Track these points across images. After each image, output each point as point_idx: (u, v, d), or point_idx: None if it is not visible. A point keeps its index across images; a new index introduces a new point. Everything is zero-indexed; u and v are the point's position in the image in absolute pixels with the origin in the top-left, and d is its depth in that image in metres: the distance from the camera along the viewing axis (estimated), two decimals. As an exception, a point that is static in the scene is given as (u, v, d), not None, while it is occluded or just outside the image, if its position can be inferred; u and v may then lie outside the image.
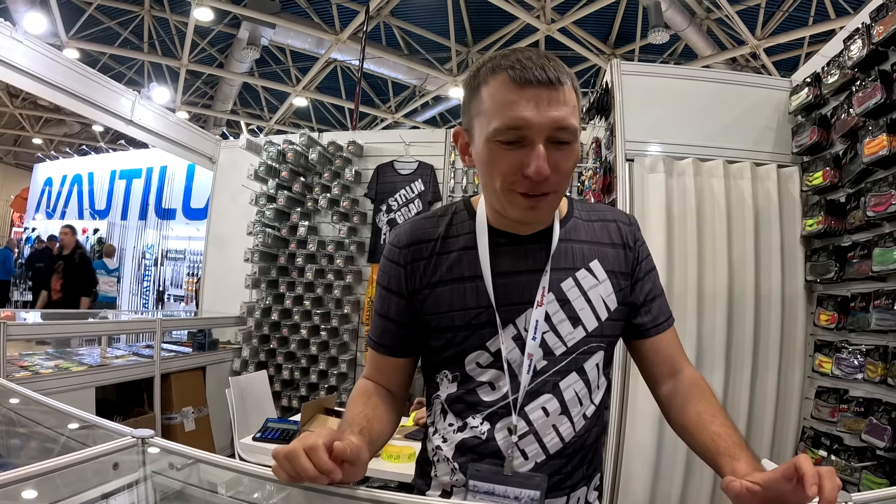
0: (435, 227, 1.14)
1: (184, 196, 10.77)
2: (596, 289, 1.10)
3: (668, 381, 1.15)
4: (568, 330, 1.07)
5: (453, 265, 1.10)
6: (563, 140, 0.95)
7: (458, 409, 1.11)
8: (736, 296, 3.15)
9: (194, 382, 4.60)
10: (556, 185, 0.97)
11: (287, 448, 0.84)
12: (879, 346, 2.48)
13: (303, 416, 2.99)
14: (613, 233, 1.16)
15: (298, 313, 4.95)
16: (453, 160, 5.01)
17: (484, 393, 1.08)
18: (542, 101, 0.92)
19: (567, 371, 1.08)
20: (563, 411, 1.07)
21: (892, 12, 2.40)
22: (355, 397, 1.16)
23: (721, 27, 9.21)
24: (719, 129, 3.38)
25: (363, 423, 1.05)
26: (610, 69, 3.49)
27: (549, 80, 0.92)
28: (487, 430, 1.07)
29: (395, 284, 1.14)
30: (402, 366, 1.19)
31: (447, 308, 1.09)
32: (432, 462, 1.16)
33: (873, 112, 2.52)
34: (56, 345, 4.46)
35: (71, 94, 4.24)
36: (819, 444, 2.82)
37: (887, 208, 2.41)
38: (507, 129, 0.93)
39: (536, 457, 1.06)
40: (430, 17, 10.11)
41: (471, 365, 1.09)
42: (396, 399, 1.21)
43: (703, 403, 1.06)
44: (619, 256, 1.14)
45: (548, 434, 1.06)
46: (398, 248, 1.14)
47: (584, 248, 1.12)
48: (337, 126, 14.54)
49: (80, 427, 1.43)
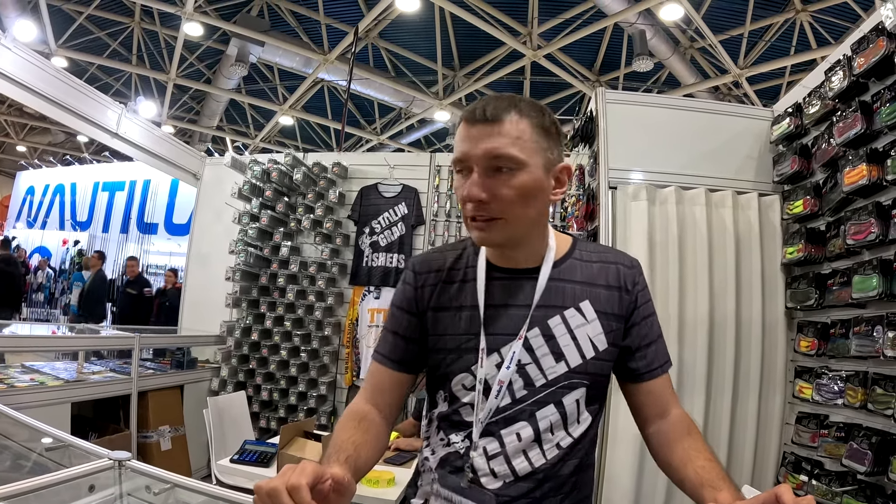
0: (444, 259, 1.25)
1: (166, 211, 10.71)
2: (583, 328, 1.15)
3: (657, 421, 1.18)
4: (550, 364, 1.13)
5: (454, 294, 1.20)
6: (502, 167, 1.05)
7: (445, 427, 1.20)
8: (717, 322, 3.17)
9: (172, 401, 4.52)
10: (501, 211, 1.06)
11: (270, 486, 0.81)
12: (859, 371, 2.50)
13: (281, 438, 2.95)
14: (612, 275, 1.21)
15: (279, 334, 4.90)
16: (437, 184, 5.02)
17: (466, 413, 1.16)
18: (480, 135, 1.05)
19: (545, 402, 1.13)
20: (536, 439, 1.13)
21: (872, 45, 2.46)
22: (346, 420, 1.16)
23: (704, 56, 9.40)
24: (701, 158, 3.43)
25: (350, 450, 1.05)
26: (595, 97, 3.54)
27: (486, 117, 1.05)
28: (465, 447, 1.15)
29: (408, 304, 1.24)
30: (403, 383, 1.24)
31: (442, 331, 1.19)
32: (420, 472, 1.27)
33: (853, 142, 2.57)
34: (33, 358, 4.37)
35: (57, 104, 4.21)
36: (800, 469, 2.83)
37: (867, 236, 2.45)
38: (456, 160, 1.10)
39: (505, 477, 1.12)
40: (417, 41, 10.21)
41: (457, 386, 1.17)
42: (386, 424, 1.23)
43: (688, 440, 1.10)
44: (614, 298, 1.19)
45: (517, 458, 1.12)
46: (413, 272, 1.26)
47: (577, 287, 1.18)
48: (322, 146, 14.56)
49: (57, 446, 1.40)
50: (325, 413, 4.75)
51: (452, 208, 4.90)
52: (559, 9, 8.72)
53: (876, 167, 2.44)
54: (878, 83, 2.52)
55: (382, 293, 4.87)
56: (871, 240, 2.43)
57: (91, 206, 11.68)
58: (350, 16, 9.43)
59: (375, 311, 4.86)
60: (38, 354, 4.53)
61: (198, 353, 5.14)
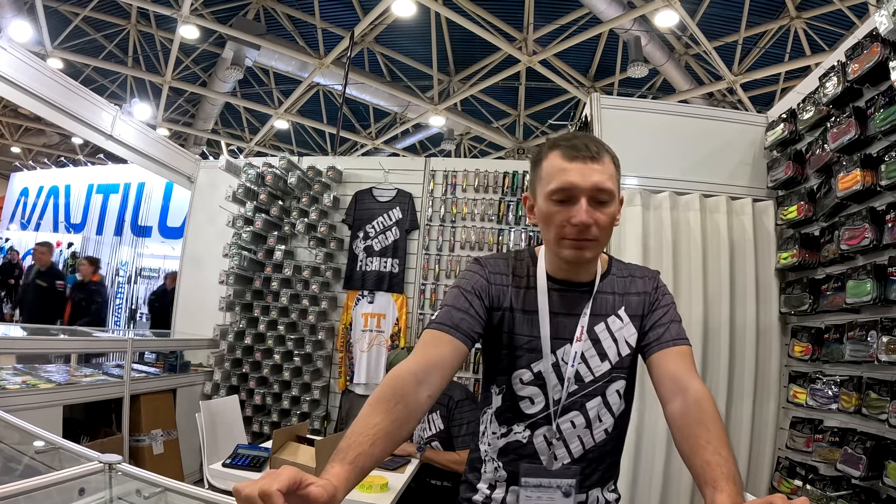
0: (508, 264, 1.43)
1: (160, 214, 10.66)
2: (621, 331, 1.37)
3: (675, 399, 1.22)
4: (597, 363, 1.35)
5: (522, 298, 1.38)
6: (601, 200, 1.25)
7: (505, 419, 1.40)
8: (711, 328, 3.17)
9: (164, 405, 4.49)
10: (597, 234, 1.26)
11: (247, 491, 0.81)
12: (854, 376, 2.51)
13: (274, 443, 2.93)
14: (639, 285, 1.43)
15: (272, 338, 4.87)
16: (432, 188, 5.00)
17: (525, 406, 1.38)
18: (587, 170, 1.24)
19: (593, 395, 1.35)
20: (587, 425, 1.36)
21: (866, 51, 2.47)
22: (385, 396, 1.12)
23: (699, 62, 9.43)
24: (696, 163, 3.44)
25: (365, 445, 1.01)
26: (590, 103, 3.55)
27: (591, 155, 1.25)
28: (528, 436, 1.37)
29: (479, 289, 1.37)
30: (461, 355, 1.29)
31: (509, 330, 1.37)
32: (483, 460, 1.46)
33: (847, 148, 2.58)
34: (25, 360, 4.34)
35: (52, 105, 4.17)
36: (794, 475, 2.83)
37: (861, 241, 2.46)
38: (560, 190, 1.25)
39: (563, 458, 1.36)
40: (413, 46, 10.20)
41: (515, 380, 1.37)
42: (425, 406, 1.19)
43: (700, 427, 1.12)
44: (641, 302, 1.40)
45: (573, 442, 1.36)
46: (483, 266, 1.42)
47: (616, 298, 1.40)
48: (317, 150, 14.53)
49: (47, 449, 1.39)
50: (318, 417, 4.73)
51: (447, 213, 4.89)
52: (555, 15, 8.75)
53: (870, 172, 2.45)
54: (873, 89, 2.54)
55: (376, 298, 4.86)
56: (865, 245, 2.44)
57: (85, 209, 11.62)
58: (346, 20, 9.42)
59: (369, 315, 4.85)
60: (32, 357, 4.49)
61: (191, 357, 5.11)
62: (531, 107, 11.97)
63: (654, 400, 1.29)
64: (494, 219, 4.81)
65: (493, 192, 4.86)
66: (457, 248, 4.82)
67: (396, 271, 4.86)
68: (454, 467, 3.04)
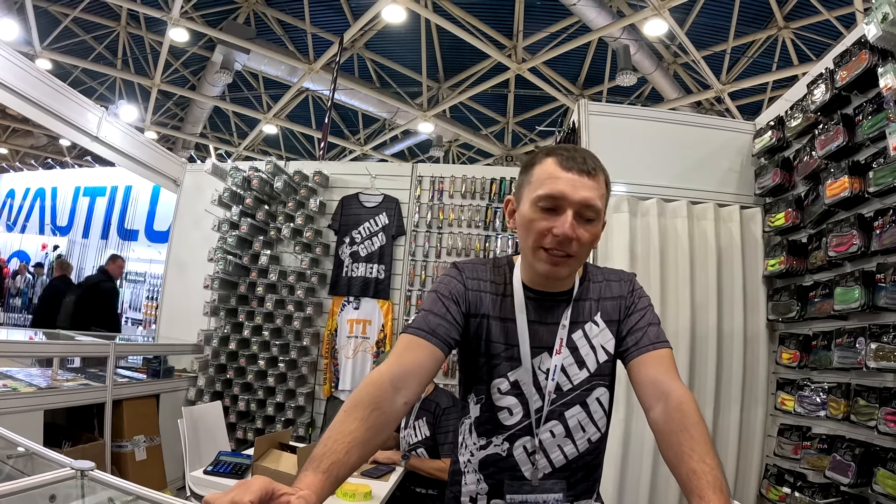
0: (486, 271, 1.40)
1: (147, 218, 10.58)
2: (598, 337, 1.34)
3: (657, 405, 1.19)
4: (575, 372, 1.33)
5: (500, 306, 1.35)
6: (587, 217, 1.22)
7: (484, 431, 1.36)
8: (699, 335, 3.16)
9: (147, 410, 4.42)
10: (576, 251, 1.23)
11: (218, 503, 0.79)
12: (842, 383, 2.50)
13: (256, 450, 2.89)
14: (614, 289, 1.40)
15: (257, 343, 4.81)
16: (419, 194, 4.98)
17: (504, 418, 1.33)
18: (579, 184, 1.21)
19: (572, 403, 1.32)
20: (567, 434, 1.32)
21: (854, 58, 2.48)
22: (360, 403, 1.09)
23: (687, 71, 9.51)
24: (684, 171, 3.44)
25: (340, 454, 0.99)
26: (577, 109, 3.54)
27: (586, 169, 1.23)
28: (507, 448, 1.33)
29: (457, 294, 1.34)
30: (436, 361, 1.25)
31: (486, 338, 1.34)
32: (463, 472, 1.42)
33: (835, 154, 2.59)
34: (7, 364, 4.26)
35: (37, 105, 4.12)
36: (783, 482, 2.82)
37: (848, 248, 2.46)
38: (548, 197, 1.21)
39: (544, 469, 1.32)
40: (403, 52, 10.22)
41: (494, 389, 1.34)
42: (401, 413, 1.16)
43: (684, 435, 1.09)
44: (617, 307, 1.38)
45: (553, 452, 1.32)
46: (461, 272, 1.39)
47: (592, 304, 1.37)
48: (305, 155, 14.50)
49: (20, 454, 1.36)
50: (302, 424, 4.67)
51: (433, 219, 4.87)
52: (544, 23, 8.79)
53: (858, 179, 2.45)
54: (861, 96, 2.54)
55: (362, 304, 4.82)
56: (853, 252, 2.44)
57: (72, 212, 11.52)
58: (336, 26, 9.41)
59: (354, 321, 4.81)
60: (14, 360, 4.41)
61: (174, 362, 5.04)
62: (520, 114, 12.01)
63: (640, 408, 1.26)
64: (481, 225, 4.79)
65: (481, 199, 4.85)
66: (443, 254, 4.79)
67: (382, 277, 4.83)
68: (439, 475, 3.01)
